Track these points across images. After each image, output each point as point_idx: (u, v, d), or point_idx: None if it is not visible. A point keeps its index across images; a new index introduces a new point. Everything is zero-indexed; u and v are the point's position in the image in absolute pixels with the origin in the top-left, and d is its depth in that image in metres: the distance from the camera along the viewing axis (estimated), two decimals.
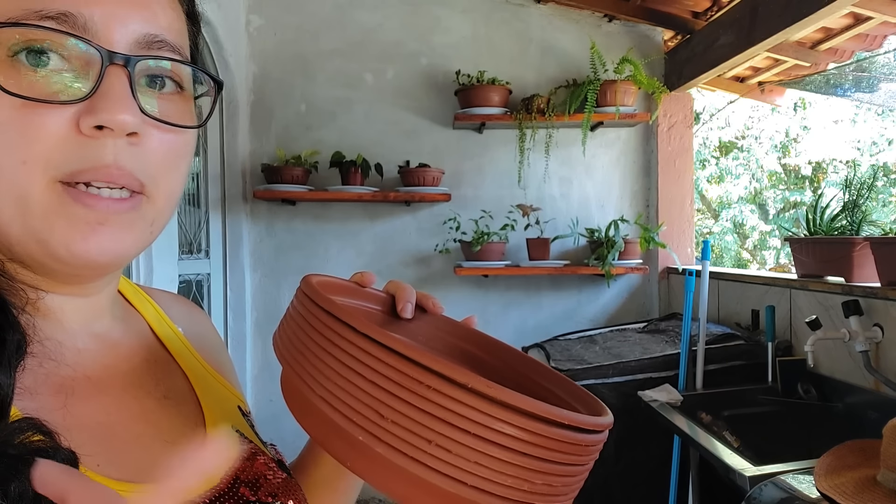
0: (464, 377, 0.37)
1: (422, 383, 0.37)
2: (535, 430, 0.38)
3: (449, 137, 3.12)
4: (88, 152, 0.42)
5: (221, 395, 0.59)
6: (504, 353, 0.59)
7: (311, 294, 0.45)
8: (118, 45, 0.43)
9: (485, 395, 0.37)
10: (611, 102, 2.89)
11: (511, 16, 3.12)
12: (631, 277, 3.15)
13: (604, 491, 2.14)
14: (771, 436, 1.93)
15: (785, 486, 1.31)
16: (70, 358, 0.46)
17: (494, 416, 0.37)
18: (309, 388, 0.42)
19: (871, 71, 2.86)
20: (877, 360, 1.82)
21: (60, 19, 0.41)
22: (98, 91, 0.42)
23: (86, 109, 0.42)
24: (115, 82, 0.42)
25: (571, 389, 0.54)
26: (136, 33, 0.44)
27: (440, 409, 0.37)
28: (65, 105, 0.42)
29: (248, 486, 0.51)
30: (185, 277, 2.72)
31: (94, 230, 0.43)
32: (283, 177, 2.86)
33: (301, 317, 0.46)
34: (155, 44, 0.46)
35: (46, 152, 0.41)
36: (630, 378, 2.21)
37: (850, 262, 1.96)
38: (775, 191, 8.30)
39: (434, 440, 0.37)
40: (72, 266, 0.45)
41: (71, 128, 0.42)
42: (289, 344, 0.46)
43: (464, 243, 2.95)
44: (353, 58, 3.09)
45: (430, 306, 0.60)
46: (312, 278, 0.50)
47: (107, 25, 0.43)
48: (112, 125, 0.42)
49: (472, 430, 0.37)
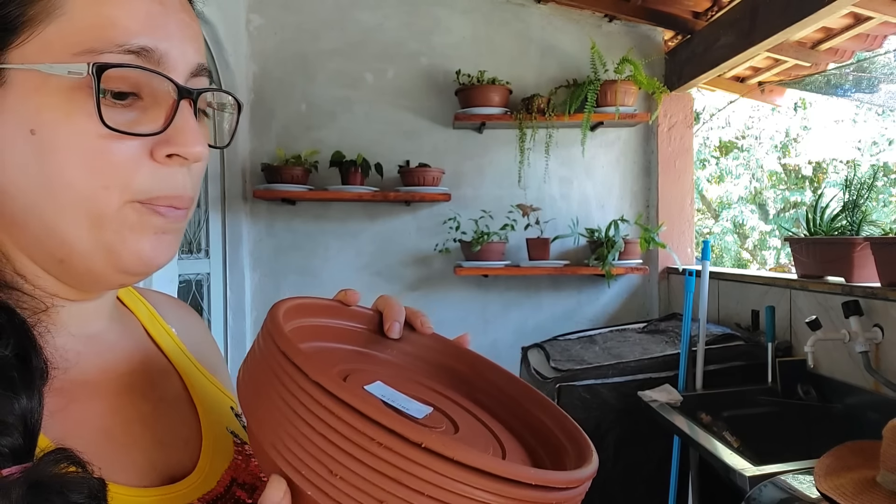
0: (418, 435, 0.34)
1: (373, 440, 0.35)
2: (498, 493, 0.35)
3: (449, 137, 3.11)
4: (164, 180, 0.46)
5: (216, 396, 0.59)
6: (495, 376, 0.56)
7: (271, 328, 0.43)
8: (181, 76, 0.46)
9: (441, 455, 0.34)
10: (611, 102, 2.89)
11: (511, 16, 3.12)
12: (631, 277, 3.15)
13: (603, 491, 2.14)
14: (771, 436, 1.93)
15: (785, 487, 1.31)
16: (71, 362, 0.47)
17: (452, 478, 0.34)
18: (261, 431, 0.39)
19: (871, 71, 2.86)
20: (877, 361, 1.82)
21: (141, 54, 0.44)
22: (173, 124, 0.45)
23: (162, 140, 0.45)
24: (187, 116, 0.46)
25: (562, 421, 0.50)
26: (191, 65, 0.47)
27: (393, 468, 0.34)
28: (144, 136, 0.45)
29: (244, 489, 0.50)
30: (185, 277, 2.72)
31: (159, 238, 0.47)
32: (283, 176, 2.86)
33: (261, 353, 0.43)
34: (202, 73, 0.49)
35: (126, 179, 0.44)
36: (630, 378, 2.21)
37: (850, 262, 1.96)
38: (775, 191, 8.30)
39: (385, 500, 0.34)
40: (135, 274, 0.48)
41: (145, 154, 0.45)
42: (248, 381, 0.43)
43: (464, 243, 2.95)
44: (353, 57, 3.09)
45: (418, 325, 0.58)
46: (281, 306, 0.47)
47: (175, 59, 0.46)
48: (189, 157, 0.46)
49: (427, 492, 0.34)
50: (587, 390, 2.17)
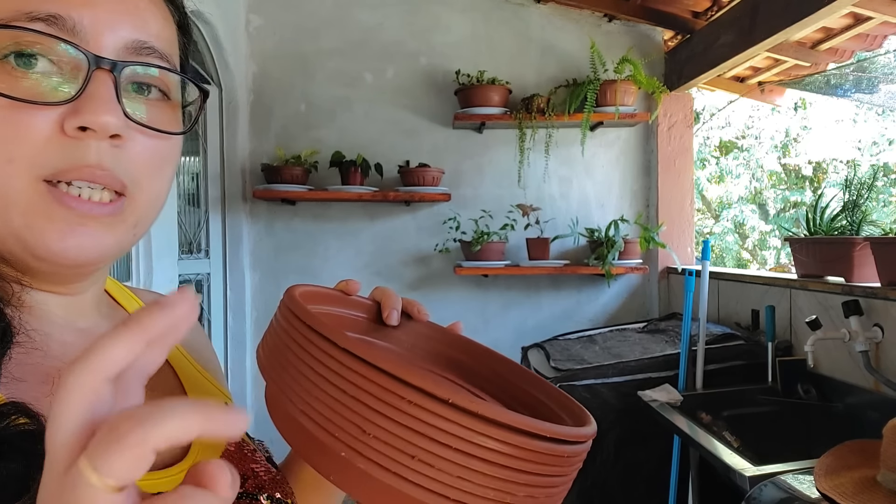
0: (445, 392, 0.37)
1: (403, 398, 0.37)
2: (516, 444, 0.38)
3: (449, 137, 3.11)
4: (72, 152, 0.43)
5: (209, 391, 0.59)
6: (491, 360, 0.59)
7: (294, 308, 0.45)
8: (106, 49, 0.44)
9: (466, 409, 0.37)
10: (611, 102, 2.89)
11: (511, 15, 3.12)
12: (631, 277, 3.15)
13: (603, 491, 2.14)
14: (771, 436, 1.93)
15: (785, 486, 1.31)
16: (56, 350, 0.47)
17: (476, 431, 0.37)
18: (291, 402, 0.41)
19: (871, 71, 2.86)
20: (877, 361, 1.82)
21: (50, 21, 0.42)
22: (83, 94, 0.43)
23: (71, 111, 0.43)
24: (100, 86, 0.43)
25: (557, 396, 0.53)
26: (125, 39, 0.45)
27: (422, 424, 0.37)
28: (51, 106, 0.42)
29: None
30: (185, 277, 2.72)
31: (73, 230, 0.44)
32: (283, 176, 2.86)
33: (283, 330, 0.46)
34: (143, 50, 0.46)
35: (32, 151, 0.42)
36: (630, 378, 2.21)
37: (850, 262, 1.96)
38: (775, 191, 8.30)
39: (416, 455, 0.37)
40: (51, 264, 0.45)
41: (56, 129, 0.43)
42: (271, 358, 0.46)
43: (464, 243, 2.95)
44: (352, 57, 3.08)
45: (415, 313, 0.60)
46: (296, 290, 0.50)
47: (96, 30, 0.44)
48: (95, 126, 0.43)
49: (454, 445, 0.37)
50: (587, 390, 2.17)
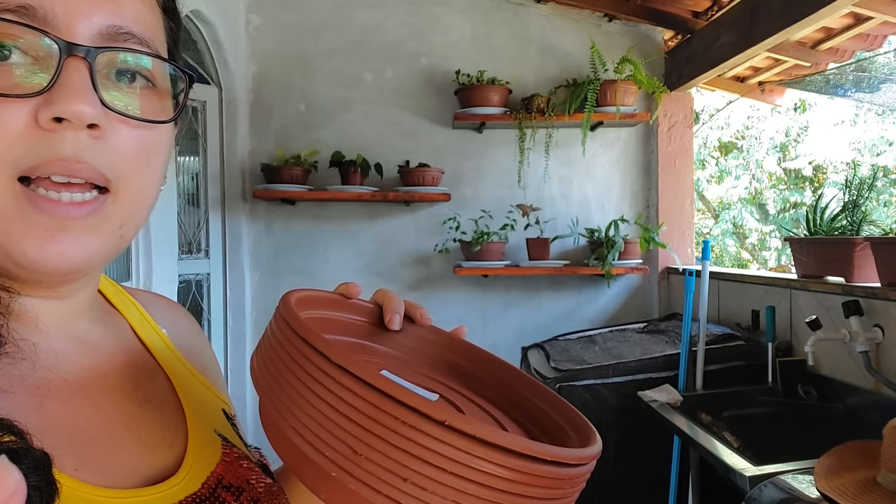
0: (441, 414, 0.36)
1: (398, 419, 0.36)
2: (515, 468, 0.36)
3: (448, 137, 3.11)
4: (46, 145, 0.41)
5: (205, 398, 0.57)
6: (493, 366, 0.58)
7: (288, 317, 0.43)
8: (80, 37, 0.42)
9: (463, 432, 0.36)
10: (611, 102, 2.89)
11: (511, 15, 3.12)
12: (631, 277, 3.15)
13: (604, 492, 2.14)
14: (771, 436, 1.93)
15: (785, 487, 1.31)
16: (46, 360, 0.45)
17: (472, 454, 0.36)
18: (282, 417, 0.40)
19: (871, 71, 2.86)
20: (877, 361, 1.82)
21: (21, 12, 0.40)
22: (56, 83, 0.41)
23: (44, 102, 0.41)
24: (72, 73, 0.41)
25: (560, 406, 0.52)
26: (100, 25, 0.43)
27: (416, 446, 0.36)
28: (23, 98, 0.40)
29: (230, 491, 0.49)
30: (185, 277, 2.72)
31: (52, 237, 0.42)
32: (283, 176, 2.85)
33: (277, 341, 0.44)
34: (120, 35, 0.44)
35: (5, 147, 0.40)
36: (630, 378, 2.20)
37: (850, 262, 1.95)
38: (775, 191, 8.30)
39: (409, 478, 0.36)
40: (31, 272, 0.43)
41: (30, 122, 0.41)
42: (264, 370, 0.44)
43: (463, 243, 2.95)
44: (352, 57, 3.08)
45: (417, 317, 0.58)
46: (292, 296, 0.48)
47: (69, 18, 0.42)
48: (69, 116, 0.40)
49: (450, 469, 0.36)
50: (587, 390, 2.17)
